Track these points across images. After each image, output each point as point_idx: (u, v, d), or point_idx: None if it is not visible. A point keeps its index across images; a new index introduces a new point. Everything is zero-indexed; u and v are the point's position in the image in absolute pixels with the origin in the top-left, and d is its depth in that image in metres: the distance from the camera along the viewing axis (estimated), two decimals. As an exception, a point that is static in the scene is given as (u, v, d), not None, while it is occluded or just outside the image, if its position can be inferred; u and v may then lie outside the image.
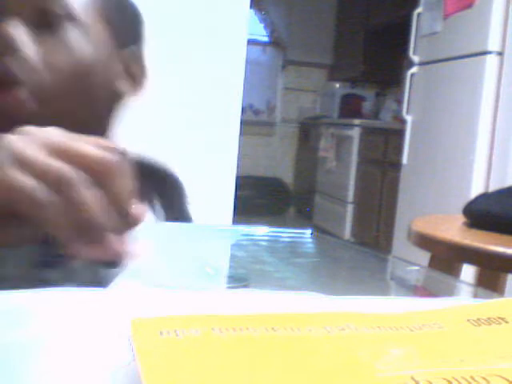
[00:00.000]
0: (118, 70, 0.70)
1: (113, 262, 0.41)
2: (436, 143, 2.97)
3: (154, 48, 0.78)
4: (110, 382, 0.23)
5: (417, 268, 0.54)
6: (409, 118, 3.22)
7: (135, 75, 0.73)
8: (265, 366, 0.23)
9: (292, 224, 4.98)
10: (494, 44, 2.59)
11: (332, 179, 4.58)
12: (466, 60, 2.74)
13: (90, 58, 0.64)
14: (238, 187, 1.42)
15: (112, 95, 0.70)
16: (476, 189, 2.57)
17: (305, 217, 5.07)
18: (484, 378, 0.22)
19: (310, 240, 0.67)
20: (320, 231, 0.72)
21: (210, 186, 1.40)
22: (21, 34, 0.58)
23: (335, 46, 5.49)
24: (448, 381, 0.22)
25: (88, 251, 0.36)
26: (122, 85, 0.70)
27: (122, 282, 0.38)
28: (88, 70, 0.64)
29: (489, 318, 0.29)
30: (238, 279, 0.47)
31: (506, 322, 0.29)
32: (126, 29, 0.72)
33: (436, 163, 2.95)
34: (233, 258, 0.59)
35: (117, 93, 0.70)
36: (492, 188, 2.47)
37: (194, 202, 1.38)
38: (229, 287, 0.46)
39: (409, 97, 3.24)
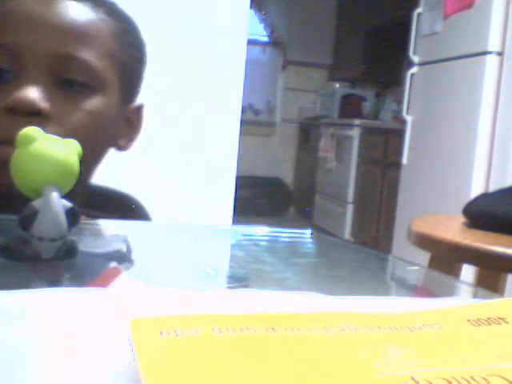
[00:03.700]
0: (121, 127, 0.73)
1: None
2: (436, 143, 2.97)
3: (153, 48, 0.78)
4: (110, 382, 0.23)
5: (417, 268, 0.54)
6: (409, 118, 3.22)
7: (133, 128, 0.75)
8: (265, 366, 0.23)
9: (292, 224, 4.97)
10: (494, 44, 2.59)
11: (332, 179, 4.58)
12: (466, 60, 2.74)
13: (101, 122, 0.68)
14: (237, 187, 1.42)
15: (110, 147, 0.73)
16: (476, 189, 2.57)
17: (305, 217, 5.07)
18: (484, 378, 0.22)
19: (309, 240, 0.67)
20: (320, 231, 0.72)
21: (210, 185, 1.40)
22: (42, 97, 0.62)
23: (335, 46, 5.49)
24: (448, 381, 0.22)
25: None
26: (121, 141, 0.74)
27: (122, 281, 0.38)
28: (98, 133, 0.68)
29: (489, 318, 0.29)
30: (238, 279, 0.47)
31: (506, 322, 0.29)
32: (134, 82, 0.75)
33: (436, 163, 2.95)
34: (233, 257, 0.59)
35: (115, 146, 0.73)
36: (492, 188, 2.47)
37: (194, 202, 1.38)
38: (229, 287, 0.46)
39: (409, 97, 3.24)
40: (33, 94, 0.61)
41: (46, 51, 0.63)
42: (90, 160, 0.68)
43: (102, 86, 0.67)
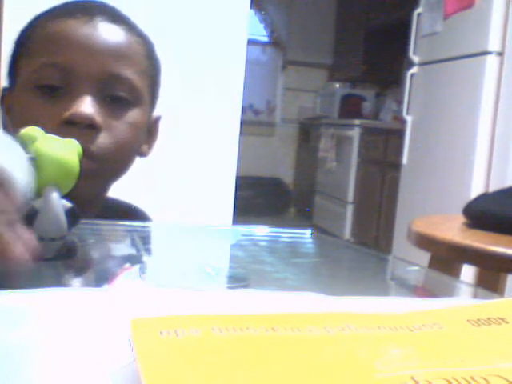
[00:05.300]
0: (145, 135, 0.79)
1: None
2: (436, 143, 2.97)
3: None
4: (110, 382, 0.23)
5: (417, 268, 0.54)
6: (409, 118, 3.22)
7: (152, 137, 0.82)
8: (265, 366, 0.23)
9: (292, 224, 4.97)
10: (494, 44, 2.58)
11: (332, 179, 4.58)
12: (466, 60, 2.74)
13: (139, 133, 0.75)
14: (238, 187, 1.42)
15: (137, 154, 0.79)
16: (476, 189, 2.57)
17: (305, 217, 5.07)
18: (484, 378, 0.22)
19: (309, 240, 0.67)
20: (320, 231, 0.72)
21: (210, 185, 1.39)
22: (95, 111, 0.69)
23: (335, 46, 5.49)
24: (448, 381, 0.22)
25: None
26: (143, 148, 0.80)
27: (122, 282, 0.38)
28: (135, 141, 0.75)
29: (489, 319, 0.29)
30: (238, 279, 0.47)
31: (506, 323, 0.29)
32: (157, 94, 0.81)
33: (436, 163, 2.95)
34: (233, 258, 0.59)
35: (139, 153, 0.79)
36: (492, 188, 2.46)
37: (194, 202, 1.38)
38: (229, 287, 0.46)
39: (409, 97, 3.24)
40: (89, 108, 0.68)
41: (95, 70, 0.69)
42: (124, 166, 0.74)
43: (138, 101, 0.73)
